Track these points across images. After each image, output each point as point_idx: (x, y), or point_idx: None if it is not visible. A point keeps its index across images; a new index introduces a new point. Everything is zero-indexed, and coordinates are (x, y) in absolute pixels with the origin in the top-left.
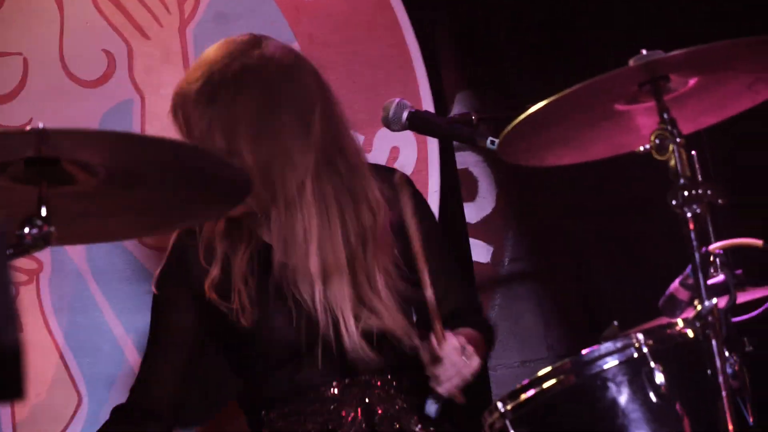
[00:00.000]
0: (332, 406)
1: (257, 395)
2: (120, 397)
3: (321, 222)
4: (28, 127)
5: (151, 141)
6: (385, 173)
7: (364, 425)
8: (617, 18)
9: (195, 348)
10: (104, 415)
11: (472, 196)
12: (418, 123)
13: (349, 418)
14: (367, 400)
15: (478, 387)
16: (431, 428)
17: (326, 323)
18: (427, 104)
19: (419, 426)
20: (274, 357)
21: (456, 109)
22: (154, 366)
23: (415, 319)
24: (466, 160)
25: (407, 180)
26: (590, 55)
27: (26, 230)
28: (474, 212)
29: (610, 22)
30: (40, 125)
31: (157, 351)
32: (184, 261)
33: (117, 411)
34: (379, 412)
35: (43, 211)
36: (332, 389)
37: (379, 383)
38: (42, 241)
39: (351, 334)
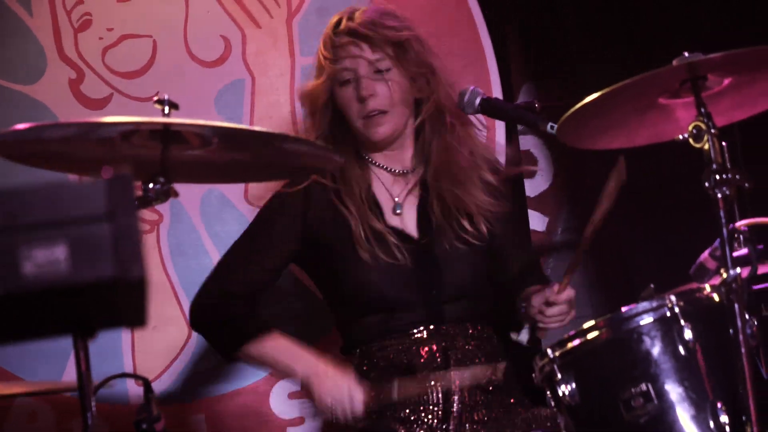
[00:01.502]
0: (414, 347)
1: (350, 333)
2: None
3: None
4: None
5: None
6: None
7: (439, 360)
8: (661, 19)
9: (281, 267)
10: (209, 349)
11: (533, 173)
12: (489, 108)
13: (427, 355)
14: (444, 344)
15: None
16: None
17: (421, 279)
18: (497, 92)
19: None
20: (369, 305)
21: (521, 98)
22: (242, 262)
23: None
24: (528, 142)
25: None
26: (637, 51)
27: (150, 185)
28: (533, 188)
29: (654, 22)
30: (165, 97)
31: (251, 252)
32: (308, 198)
33: (249, 309)
34: (453, 356)
35: (165, 171)
36: (417, 333)
37: (458, 332)
38: (163, 196)
39: (441, 287)
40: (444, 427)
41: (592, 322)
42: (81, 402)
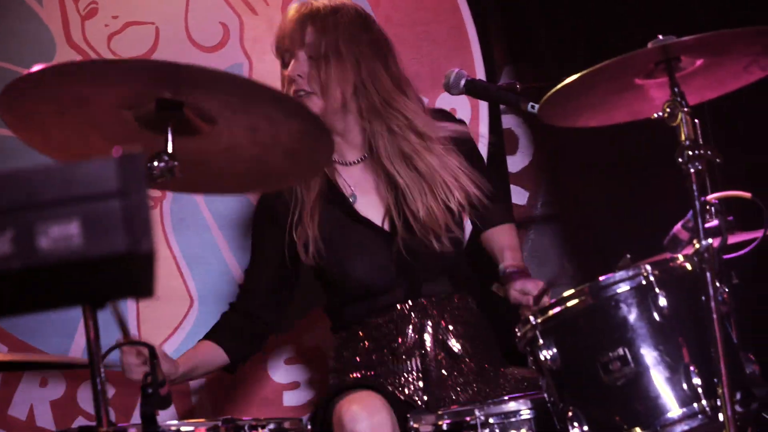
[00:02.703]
0: (394, 324)
1: (337, 310)
2: (223, 301)
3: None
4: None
5: (257, 85)
6: (448, 117)
7: (416, 337)
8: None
9: (285, 265)
10: (211, 316)
11: (514, 151)
12: (473, 89)
13: (411, 330)
14: (423, 317)
15: (511, 307)
16: (473, 342)
17: (397, 263)
18: (480, 74)
19: (462, 340)
20: (351, 293)
21: (504, 79)
22: (252, 279)
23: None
24: (510, 121)
25: (468, 137)
26: (611, 33)
27: (155, 163)
28: (515, 164)
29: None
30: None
31: (255, 268)
32: (277, 201)
33: (225, 314)
34: (431, 326)
35: (170, 148)
36: (398, 310)
37: (435, 303)
38: (168, 173)
39: (419, 267)
40: (424, 389)
41: (572, 291)
42: (90, 368)
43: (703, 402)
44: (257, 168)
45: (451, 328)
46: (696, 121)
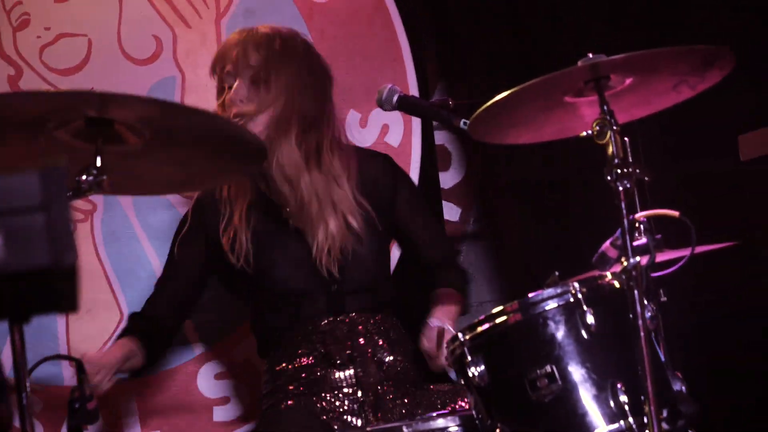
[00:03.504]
0: (322, 337)
1: (263, 325)
2: None
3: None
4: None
5: (184, 108)
6: (372, 154)
7: (347, 352)
8: (568, 22)
9: (199, 279)
10: None
11: (446, 167)
12: (406, 105)
13: (336, 345)
14: (350, 333)
15: None
16: (399, 358)
17: (323, 269)
18: (413, 91)
19: (390, 356)
20: (276, 298)
21: (436, 96)
22: (165, 286)
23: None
24: (442, 137)
25: (391, 159)
26: (543, 52)
27: (83, 177)
28: (447, 180)
29: (561, 25)
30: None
31: (169, 276)
32: (203, 210)
33: (132, 316)
34: (360, 342)
35: (98, 162)
36: (325, 322)
37: (361, 320)
38: (96, 187)
39: (343, 280)
40: (359, 414)
41: (500, 308)
42: (16, 383)
43: (630, 419)
44: (183, 170)
45: (380, 342)
46: (626, 139)
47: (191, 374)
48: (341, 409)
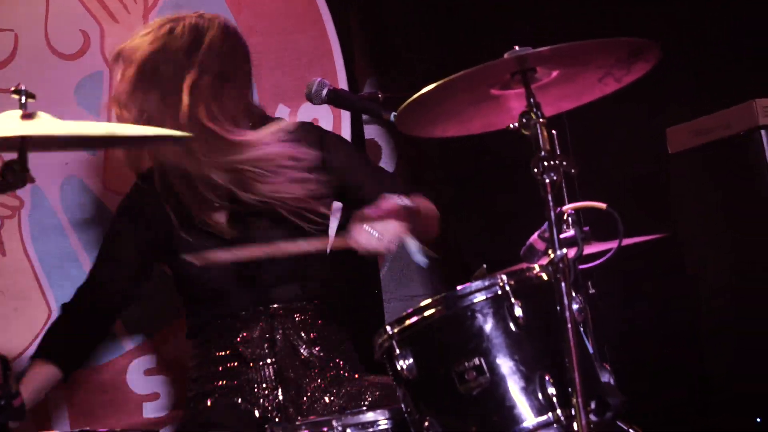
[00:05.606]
0: (242, 331)
1: (189, 317)
2: None
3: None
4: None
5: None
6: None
7: (266, 345)
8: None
9: (136, 270)
10: None
11: (377, 161)
12: (335, 98)
13: (255, 341)
14: (270, 327)
15: (374, 316)
16: (326, 351)
17: (245, 265)
18: (343, 85)
19: (314, 349)
20: (198, 291)
21: (366, 90)
22: (100, 277)
23: None
24: (372, 131)
25: (309, 125)
26: (472, 45)
27: (6, 174)
28: None
29: (489, 17)
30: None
31: (105, 264)
32: (140, 201)
33: (66, 306)
34: (280, 336)
35: (22, 158)
36: (244, 314)
37: (285, 312)
38: (21, 182)
39: (263, 272)
40: (280, 410)
41: (428, 300)
42: None
43: (558, 411)
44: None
45: (303, 335)
46: (553, 131)
47: (121, 370)
48: (265, 405)
